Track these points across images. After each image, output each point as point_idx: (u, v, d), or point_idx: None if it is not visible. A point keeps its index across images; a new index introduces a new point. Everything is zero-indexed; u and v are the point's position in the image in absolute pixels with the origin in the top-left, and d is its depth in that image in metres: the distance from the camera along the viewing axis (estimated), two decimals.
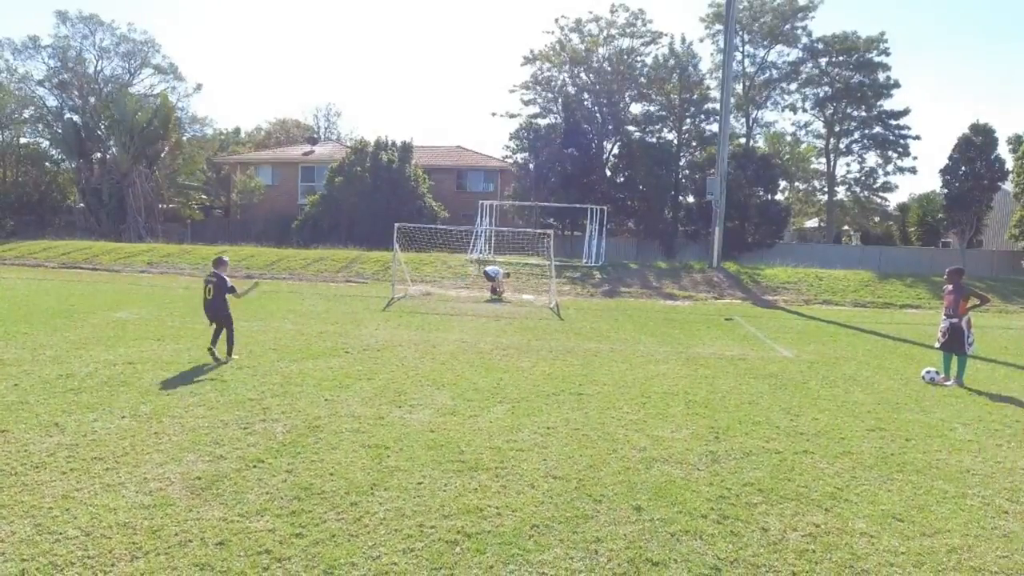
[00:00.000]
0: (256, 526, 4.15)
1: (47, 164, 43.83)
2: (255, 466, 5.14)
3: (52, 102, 42.33)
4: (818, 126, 40.15)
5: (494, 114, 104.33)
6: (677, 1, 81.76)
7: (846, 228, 52.05)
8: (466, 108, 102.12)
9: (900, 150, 37.45)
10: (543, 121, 36.24)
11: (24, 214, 40.18)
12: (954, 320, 9.30)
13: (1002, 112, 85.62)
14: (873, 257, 32.88)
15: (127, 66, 43.15)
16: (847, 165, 40.11)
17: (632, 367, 9.71)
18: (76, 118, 40.65)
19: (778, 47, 37.97)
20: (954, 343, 9.27)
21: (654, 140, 35.84)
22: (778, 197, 36.04)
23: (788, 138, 41.98)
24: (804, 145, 42.71)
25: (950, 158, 32.02)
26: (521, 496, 4.77)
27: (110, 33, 41.89)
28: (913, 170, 46.20)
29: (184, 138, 42.78)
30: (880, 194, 40.78)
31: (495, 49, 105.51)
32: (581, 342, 11.93)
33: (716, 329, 14.59)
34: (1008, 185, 33.27)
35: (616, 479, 5.15)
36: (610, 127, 35.92)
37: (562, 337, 12.46)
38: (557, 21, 43.64)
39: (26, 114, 42.87)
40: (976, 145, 31.35)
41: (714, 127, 33.92)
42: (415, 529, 4.19)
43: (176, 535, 3.99)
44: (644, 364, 9.99)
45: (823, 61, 37.49)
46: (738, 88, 36.96)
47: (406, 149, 33.85)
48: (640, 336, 12.99)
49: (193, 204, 41.77)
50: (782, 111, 41.38)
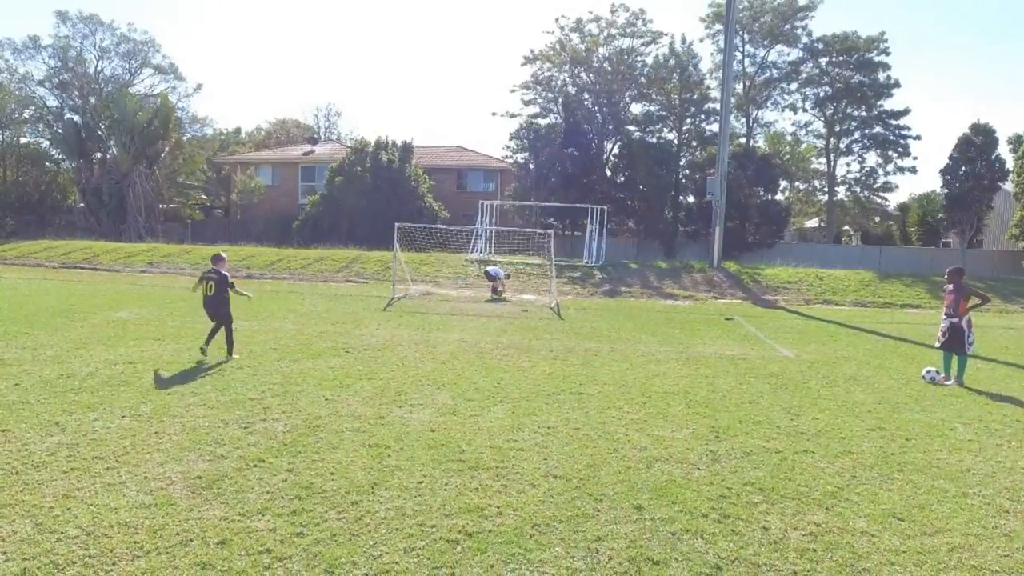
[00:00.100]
0: (257, 525, 4.15)
1: (47, 164, 43.86)
2: (256, 465, 5.14)
3: (52, 102, 42.41)
4: (818, 126, 40.22)
5: (494, 114, 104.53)
6: (677, 1, 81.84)
7: (846, 228, 52.05)
8: (466, 108, 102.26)
9: (900, 150, 37.44)
10: (543, 121, 36.26)
11: (24, 214, 40.19)
12: (954, 320, 9.30)
13: (1002, 112, 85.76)
14: (873, 257, 32.88)
15: (127, 66, 43.19)
16: (847, 165, 40.19)
17: (633, 367, 9.71)
18: (76, 118, 40.65)
19: (778, 47, 38.02)
20: (954, 343, 9.27)
21: (654, 140, 35.83)
22: (778, 197, 36.08)
23: (788, 138, 41.98)
24: (804, 145, 42.71)
25: (950, 158, 32.00)
26: (522, 495, 4.77)
27: (110, 33, 41.96)
28: (913, 170, 46.32)
29: (184, 138, 42.80)
30: (880, 194, 40.79)
31: (495, 49, 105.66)
32: (581, 342, 11.93)
33: (716, 329, 14.59)
34: (1008, 185, 33.27)
35: (617, 478, 5.15)
36: (610, 127, 35.92)
37: (562, 337, 12.46)
38: (557, 21, 43.74)
39: (26, 114, 42.90)
40: (976, 145, 31.33)
41: (714, 127, 33.93)
42: (416, 528, 4.19)
43: (177, 534, 4.00)
44: (645, 364, 9.99)
45: (823, 61, 37.49)
46: (738, 88, 36.96)
47: (406, 149, 33.85)
48: (640, 336, 12.99)
49: (193, 204, 41.78)
50: (782, 111, 41.47)
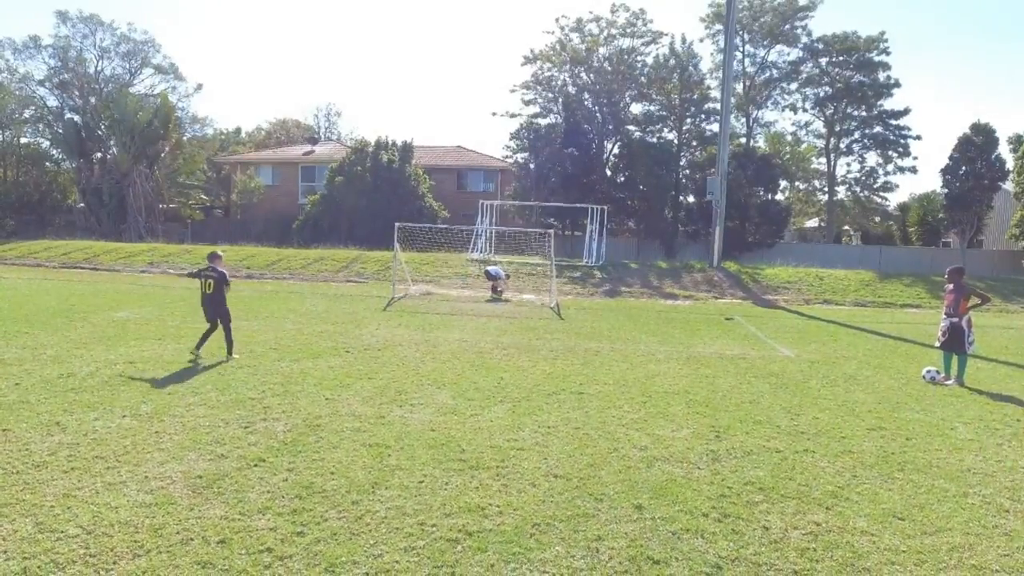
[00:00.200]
0: (257, 524, 4.15)
1: (47, 164, 43.86)
2: (256, 465, 5.15)
3: (52, 102, 42.37)
4: (818, 126, 40.19)
5: (494, 114, 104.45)
6: (677, 1, 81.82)
7: (846, 228, 52.03)
8: (466, 108, 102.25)
9: (900, 150, 37.40)
10: (543, 121, 36.23)
11: (24, 214, 40.19)
12: (954, 319, 9.30)
13: (1002, 112, 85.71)
14: (873, 257, 32.87)
15: (127, 66, 43.15)
16: (847, 165, 40.14)
17: (633, 366, 9.71)
18: (76, 118, 40.63)
19: (778, 47, 37.97)
20: (954, 342, 9.27)
21: (654, 140, 35.80)
22: (778, 197, 36.05)
23: (788, 138, 41.95)
24: (804, 145, 42.68)
25: (950, 158, 31.98)
26: (522, 495, 4.77)
27: (110, 33, 41.92)
28: (913, 170, 46.36)
29: (184, 138, 42.78)
30: (880, 194, 40.74)
31: (495, 49, 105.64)
32: (582, 341, 11.93)
33: (717, 328, 14.59)
34: (1008, 185, 33.26)
35: (617, 478, 5.15)
36: (610, 127, 35.90)
37: (563, 336, 12.46)
38: (557, 21, 43.66)
39: (27, 114, 42.87)
40: (976, 145, 31.32)
41: (714, 127, 33.92)
42: (416, 527, 4.20)
43: (178, 533, 4.00)
44: (645, 363, 9.99)
45: (823, 61, 37.45)
46: (738, 88, 36.94)
47: (406, 149, 33.84)
48: (641, 335, 12.99)
49: (193, 204, 41.77)
50: (782, 111, 41.45)
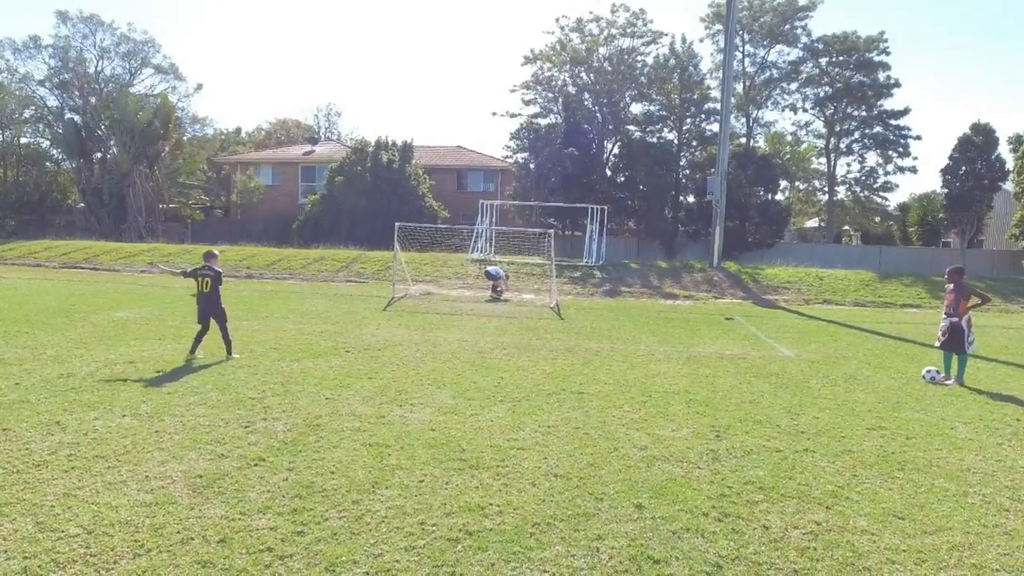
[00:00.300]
0: (258, 524, 4.15)
1: (48, 164, 43.89)
2: (256, 464, 5.14)
3: (53, 102, 42.39)
4: (818, 126, 40.22)
5: (494, 114, 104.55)
6: (677, 1, 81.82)
7: (846, 228, 52.04)
8: (466, 108, 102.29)
9: (900, 150, 37.44)
10: (543, 121, 36.25)
11: (25, 214, 40.21)
12: (954, 319, 9.30)
13: (1002, 112, 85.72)
14: (873, 257, 32.88)
15: (127, 66, 43.16)
16: (847, 165, 40.18)
17: (633, 366, 9.71)
18: (77, 118, 40.64)
19: (778, 47, 38.02)
20: (954, 342, 9.27)
21: (654, 140, 35.83)
22: (778, 197, 36.09)
23: (788, 138, 41.99)
24: (804, 145, 42.73)
25: (950, 158, 32.01)
26: (522, 494, 4.77)
27: (110, 33, 41.94)
28: (913, 170, 46.38)
29: (184, 138, 42.79)
30: (880, 194, 40.77)
31: (495, 49, 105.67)
32: (582, 341, 11.93)
33: (717, 328, 14.59)
34: (1008, 185, 33.29)
35: (617, 477, 5.15)
36: (610, 127, 35.93)
37: (563, 336, 12.46)
38: (558, 21, 43.63)
39: (27, 114, 42.91)
40: (976, 145, 31.33)
41: (714, 127, 33.93)
42: (416, 527, 4.19)
43: (178, 533, 4.00)
44: (645, 363, 9.99)
45: (823, 61, 37.48)
46: (738, 88, 36.96)
47: (406, 149, 33.85)
48: (641, 335, 12.99)
49: (193, 204, 41.77)
50: (782, 111, 41.45)
